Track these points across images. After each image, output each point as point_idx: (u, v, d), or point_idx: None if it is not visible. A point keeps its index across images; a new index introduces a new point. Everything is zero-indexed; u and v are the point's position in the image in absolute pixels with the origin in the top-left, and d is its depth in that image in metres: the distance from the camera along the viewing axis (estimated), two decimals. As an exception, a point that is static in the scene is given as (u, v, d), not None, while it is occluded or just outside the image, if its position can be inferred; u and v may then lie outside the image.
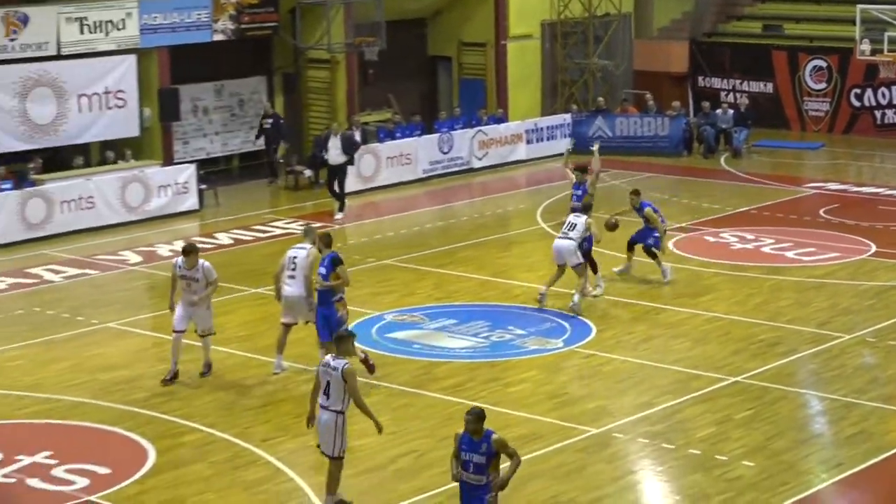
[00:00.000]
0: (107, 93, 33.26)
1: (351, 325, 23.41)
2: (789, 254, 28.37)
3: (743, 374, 20.92)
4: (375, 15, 37.08)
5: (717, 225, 31.18)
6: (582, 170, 26.34)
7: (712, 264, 27.61)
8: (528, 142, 39.50)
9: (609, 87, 43.30)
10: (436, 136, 37.62)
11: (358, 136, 36.11)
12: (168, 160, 34.50)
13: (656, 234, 25.86)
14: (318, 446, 15.93)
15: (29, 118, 31.95)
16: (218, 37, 35.40)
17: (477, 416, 13.79)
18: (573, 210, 25.22)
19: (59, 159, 33.52)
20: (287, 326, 21.14)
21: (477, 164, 38.12)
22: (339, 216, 32.39)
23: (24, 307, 25.54)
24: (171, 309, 20.69)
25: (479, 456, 13.70)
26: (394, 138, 37.27)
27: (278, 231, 31.51)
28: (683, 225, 31.14)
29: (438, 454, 17.83)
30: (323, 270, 20.22)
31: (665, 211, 32.55)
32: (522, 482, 16.95)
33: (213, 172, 35.94)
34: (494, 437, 13.73)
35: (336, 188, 32.74)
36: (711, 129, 40.22)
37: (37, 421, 19.50)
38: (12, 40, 31.43)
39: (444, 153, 37.49)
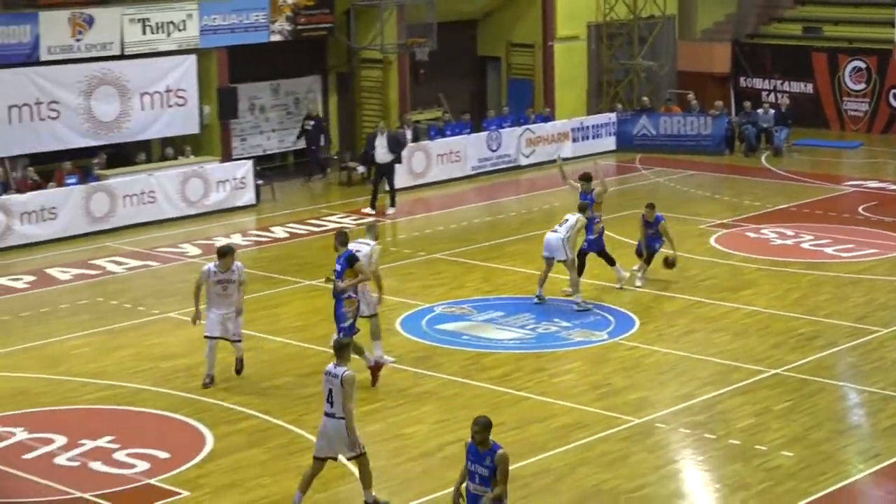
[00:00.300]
0: (168, 91, 33.41)
1: (401, 317, 23.59)
2: (828, 250, 28.21)
3: (782, 366, 20.82)
4: (427, 16, 37.09)
5: (758, 221, 31.02)
6: (586, 178, 25.61)
7: (753, 260, 27.49)
8: (574, 140, 39.43)
9: (653, 86, 43.16)
10: (484, 134, 37.60)
11: (409, 135, 36.20)
12: (226, 156, 34.62)
13: (661, 242, 25.34)
14: (315, 456, 15.67)
15: (94, 116, 32.13)
16: (275, 37, 35.49)
17: (483, 425, 13.20)
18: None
19: (122, 155, 33.68)
20: None
21: (524, 161, 38.08)
22: (391, 211, 32.47)
23: (89, 297, 25.70)
24: (197, 317, 20.06)
25: (484, 468, 13.18)
26: (444, 136, 37.28)
27: (332, 225, 31.53)
28: (725, 221, 31.02)
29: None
30: (338, 268, 19.85)
31: (707, 208, 32.63)
32: (570, 469, 16.98)
33: (269, 168, 36.04)
34: (500, 452, 13.15)
35: (384, 186, 32.72)
36: (753, 128, 40.03)
37: (100, 407, 19.63)
38: (78, 40, 31.61)
39: (493, 151, 37.47)
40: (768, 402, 19.31)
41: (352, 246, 21.02)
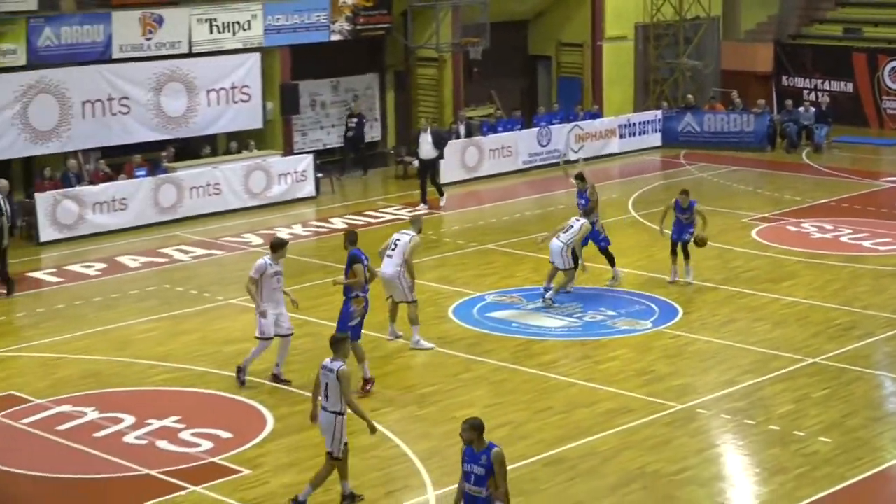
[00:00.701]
0: (233, 88, 33.53)
1: (454, 305, 23.60)
2: (866, 243, 27.98)
3: (820, 355, 20.69)
4: (481, 17, 37.06)
5: (799, 215, 30.81)
6: (580, 178, 25.06)
7: (793, 252, 27.31)
8: (622, 136, 39.32)
9: (698, 85, 42.93)
10: (535, 129, 37.54)
11: (462, 129, 36.21)
12: (288, 150, 34.72)
13: (692, 230, 24.43)
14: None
15: (162, 111, 32.29)
16: (335, 37, 35.55)
17: (470, 426, 12.80)
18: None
19: (189, 149, 33.85)
20: (392, 301, 21.39)
21: (573, 156, 37.97)
22: (442, 202, 32.43)
23: (156, 284, 25.85)
24: (264, 315, 19.45)
25: (479, 467, 12.73)
26: (496, 132, 37.26)
27: (388, 216, 31.61)
28: (766, 215, 30.82)
29: (534, 425, 17.85)
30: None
31: (749, 202, 32.44)
32: (614, 452, 16.95)
33: (328, 162, 36.10)
34: (495, 450, 12.73)
35: (429, 181, 32.67)
36: (794, 125, 39.75)
37: (166, 388, 19.75)
38: (148, 39, 31.77)
39: (543, 146, 37.41)
40: (807, 389, 19.20)
41: (395, 235, 21.21)
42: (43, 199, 29.11)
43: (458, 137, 36.09)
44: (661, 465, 16.57)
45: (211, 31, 32.95)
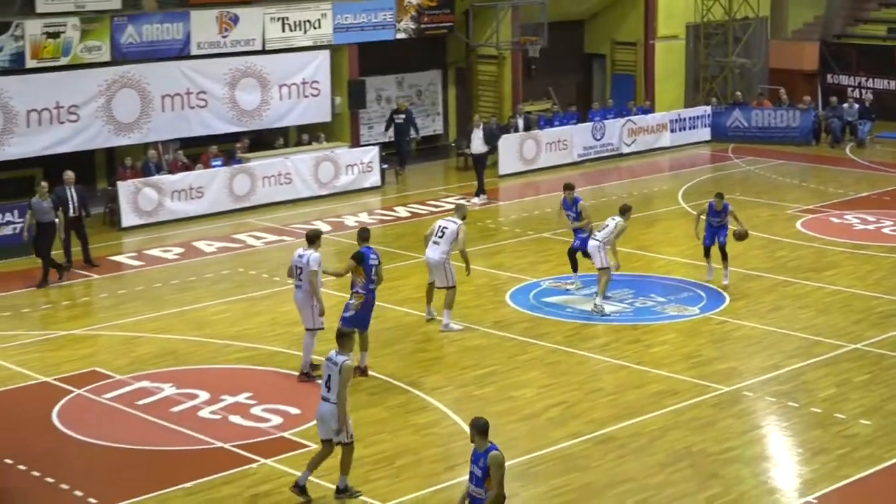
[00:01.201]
0: (304, 83, 33.62)
1: (511, 291, 23.58)
2: (907, 235, 27.76)
3: (862, 341, 20.51)
4: (539, 17, 36.97)
5: (842, 208, 30.52)
6: (569, 187, 23.65)
7: (836, 243, 27.06)
8: (672, 130, 39.10)
9: (746, 82, 42.62)
10: (589, 124, 37.41)
11: (521, 123, 36.15)
12: (355, 143, 34.77)
13: (725, 233, 23.53)
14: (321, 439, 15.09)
15: (237, 104, 32.43)
16: (400, 35, 35.57)
17: (472, 425, 12.28)
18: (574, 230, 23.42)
19: (262, 141, 33.99)
20: (432, 285, 21.50)
21: (626, 149, 37.83)
22: (475, 200, 32.03)
23: (230, 268, 25.98)
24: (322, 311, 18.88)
25: (478, 469, 12.22)
26: (552, 126, 37.17)
27: (449, 206, 31.55)
28: (811, 207, 30.55)
29: (586, 405, 17.82)
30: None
31: (794, 195, 32.18)
32: (662, 432, 16.88)
33: (393, 154, 36.12)
34: (493, 453, 12.11)
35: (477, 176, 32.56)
36: (838, 121, 39.37)
37: (239, 366, 19.86)
38: (224, 37, 31.92)
39: (597, 140, 37.27)
40: (848, 374, 19.04)
41: (440, 222, 21.35)
42: (125, 188, 29.32)
43: (516, 131, 36.04)
44: (708, 445, 16.50)
45: (283, 30, 33.05)
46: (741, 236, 23.78)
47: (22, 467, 16.04)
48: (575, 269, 23.55)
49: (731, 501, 14.94)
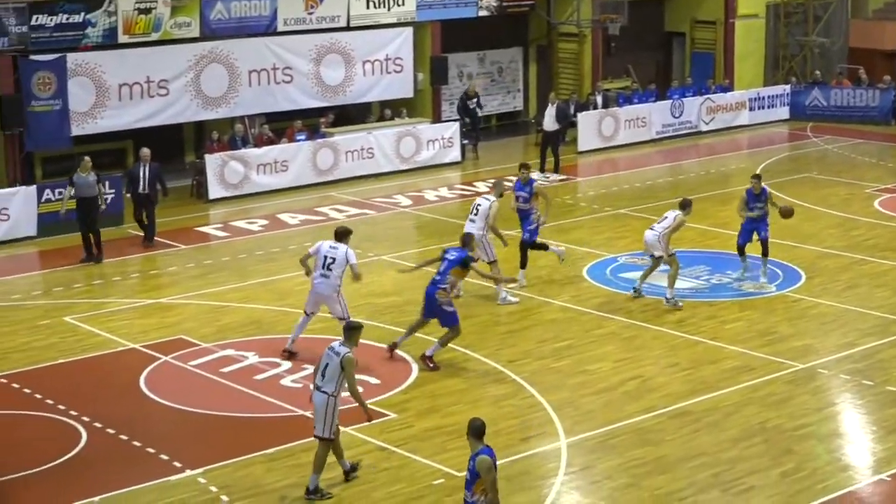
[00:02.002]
0: (387, 59, 33.63)
1: (588, 266, 23.47)
2: None
3: (939, 321, 20.21)
4: (620, -5, 36.83)
5: (920, 187, 30.09)
6: (526, 167, 22.78)
7: (914, 222, 26.69)
8: (751, 109, 38.70)
9: (825, 61, 42.02)
10: (668, 102, 37.11)
11: (600, 101, 35.93)
12: (436, 118, 34.77)
13: (767, 225, 22.25)
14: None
15: (322, 80, 32.52)
16: (482, 13, 35.45)
17: (469, 427, 11.67)
18: (518, 210, 22.45)
19: (345, 115, 34.09)
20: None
21: (704, 127, 37.51)
22: (552, 177, 31.84)
23: (313, 240, 25.92)
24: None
25: (468, 472, 11.54)
26: (631, 103, 36.91)
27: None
28: (889, 186, 30.09)
29: (661, 380, 17.71)
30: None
31: (872, 174, 31.71)
32: (737, 408, 16.75)
33: (476, 128, 36.06)
34: (479, 457, 11.39)
35: (550, 152, 32.34)
36: (918, 100, 38.77)
37: (321, 336, 19.90)
38: (310, 14, 32.00)
39: (676, 117, 36.97)
40: (924, 353, 18.78)
41: (477, 200, 21.79)
42: (212, 161, 29.53)
43: (595, 108, 35.84)
44: (782, 421, 16.34)
45: (367, 7, 33.07)
46: (787, 213, 22.77)
47: (110, 431, 16.25)
48: (524, 265, 22.29)
49: (804, 477, 14.79)
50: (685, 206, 21.67)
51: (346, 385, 14.27)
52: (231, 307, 21.54)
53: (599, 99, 36.29)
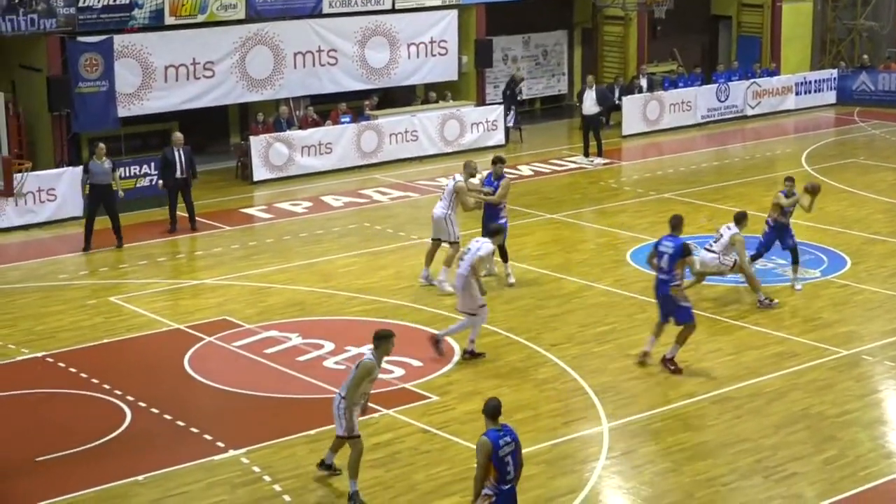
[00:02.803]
0: (432, 42, 33.61)
1: (632, 250, 23.41)
2: None
3: None
4: (664, -21, 36.63)
5: (969, 173, 29.80)
6: (500, 160, 21.75)
7: (962, 208, 26.44)
8: (797, 93, 38.43)
9: (873, 45, 41.68)
10: (714, 86, 36.90)
11: (644, 84, 35.79)
12: (481, 101, 34.73)
13: (792, 232, 21.14)
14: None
15: (366, 63, 32.54)
16: (527, -5, 35.44)
17: (483, 405, 11.93)
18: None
19: (389, 98, 34.11)
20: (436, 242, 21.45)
21: (750, 111, 37.29)
22: (597, 160, 31.78)
23: (357, 222, 26.16)
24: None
25: None
26: (676, 87, 36.74)
27: (572, 165, 31.48)
28: (936, 172, 29.90)
29: (705, 365, 17.67)
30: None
31: (920, 159, 31.46)
32: (780, 394, 16.68)
33: (519, 113, 36.00)
34: (481, 437, 11.69)
35: (592, 136, 32.21)
36: (967, 86, 38.42)
37: (363, 318, 20.00)
38: (355, -5, 32.11)
39: (721, 101, 36.76)
40: (970, 340, 18.63)
41: (447, 180, 21.77)
42: (257, 142, 29.64)
43: (640, 92, 35.71)
44: (825, 408, 16.26)
45: (413, -11, 33.13)
46: (814, 190, 21.44)
47: (155, 410, 16.38)
48: (505, 258, 21.45)
49: (847, 464, 14.72)
50: (740, 220, 20.37)
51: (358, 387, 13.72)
52: (275, 289, 21.64)
53: (644, 82, 36.17)
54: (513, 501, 11.80)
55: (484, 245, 18.21)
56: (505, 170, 21.97)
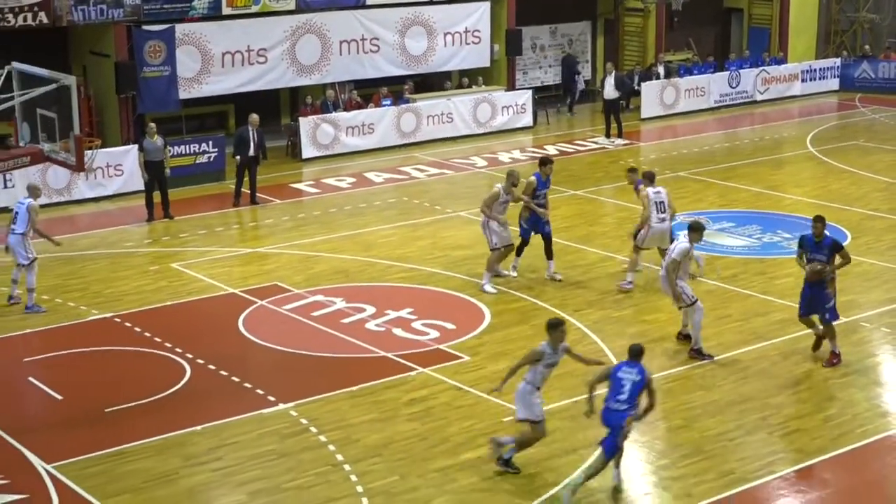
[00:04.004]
0: (466, 32, 33.48)
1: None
2: None
3: (975, 280, 19.87)
4: (681, -25, 36.36)
5: (961, 155, 29.50)
6: (548, 161, 20.30)
7: (955, 188, 26.20)
8: (803, 80, 38.13)
9: (874, 36, 41.27)
10: (726, 73, 36.64)
11: (662, 71, 35.56)
12: (511, 86, 34.60)
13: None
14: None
15: (406, 50, 32.46)
16: (554, -11, 35.22)
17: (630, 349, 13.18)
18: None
19: (427, 83, 34.03)
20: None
21: (759, 97, 37.02)
22: (617, 141, 31.65)
23: (396, 197, 26.16)
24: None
25: (630, 383, 13.07)
26: (691, 74, 36.48)
27: (594, 146, 31.38)
28: (932, 154, 29.61)
29: (714, 330, 17.59)
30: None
31: (916, 141, 31.17)
32: (783, 357, 16.61)
33: (545, 97, 35.89)
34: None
35: (612, 119, 32.05)
36: (962, 73, 37.99)
37: (402, 285, 20.03)
38: (396, -12, 32.00)
39: (733, 87, 36.51)
40: (961, 309, 18.49)
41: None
42: (305, 123, 29.65)
43: (657, 79, 35.52)
44: (826, 371, 16.19)
45: (449, -17, 33.00)
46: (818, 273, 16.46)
47: (212, 367, 16.48)
48: (550, 255, 20.23)
49: (845, 422, 14.68)
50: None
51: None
52: (321, 257, 21.69)
53: (662, 70, 35.96)
54: (616, 421, 12.69)
55: (678, 245, 16.42)
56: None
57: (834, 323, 16.40)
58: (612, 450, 12.81)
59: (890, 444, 14.22)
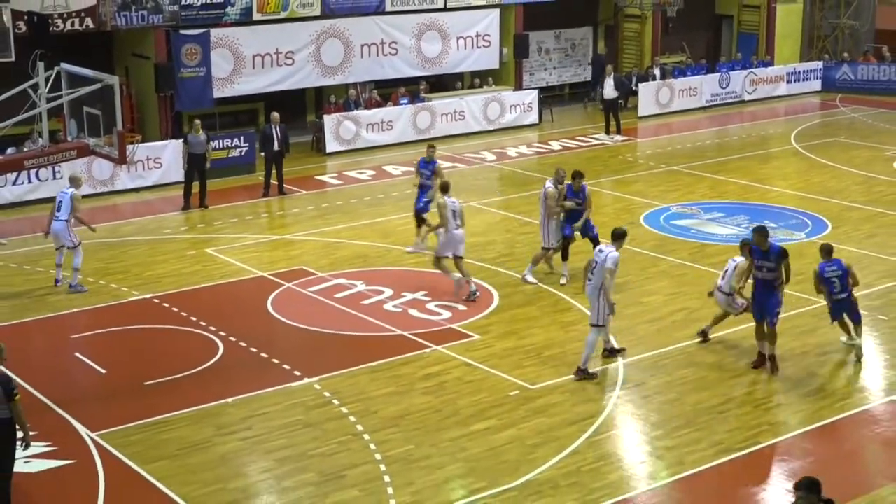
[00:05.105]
0: (477, 36, 33.38)
1: (644, 214, 23.23)
2: None
3: (947, 266, 19.76)
4: (677, -17, 36.21)
5: (934, 151, 29.33)
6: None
7: (928, 181, 26.04)
8: (788, 82, 37.94)
9: (854, 41, 41.05)
10: (717, 74, 36.48)
11: (657, 73, 35.40)
12: (518, 86, 34.51)
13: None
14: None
15: (421, 53, 32.38)
16: (559, -3, 35.09)
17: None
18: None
19: (441, 83, 33.95)
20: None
21: (748, 97, 36.86)
22: (616, 138, 31.54)
23: (412, 188, 26.03)
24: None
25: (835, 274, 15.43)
26: (685, 75, 36.36)
27: (595, 141, 31.28)
28: (907, 150, 29.46)
29: (705, 312, 17.48)
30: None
31: (893, 138, 30.93)
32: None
33: (550, 97, 35.78)
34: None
35: (611, 117, 31.92)
36: (935, 76, 37.72)
37: (417, 269, 20.01)
38: (413, -4, 31.91)
39: (723, 88, 36.36)
40: (933, 293, 18.39)
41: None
42: (329, 120, 29.61)
43: (653, 80, 35.37)
44: (808, 349, 16.16)
45: (461, -9, 32.88)
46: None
47: (243, 344, 16.49)
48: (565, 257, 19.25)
49: (825, 397, 14.64)
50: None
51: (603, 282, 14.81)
52: (343, 243, 21.67)
53: (657, 72, 35.78)
54: (847, 306, 15.59)
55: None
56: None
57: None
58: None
59: (866, 418, 14.17)
